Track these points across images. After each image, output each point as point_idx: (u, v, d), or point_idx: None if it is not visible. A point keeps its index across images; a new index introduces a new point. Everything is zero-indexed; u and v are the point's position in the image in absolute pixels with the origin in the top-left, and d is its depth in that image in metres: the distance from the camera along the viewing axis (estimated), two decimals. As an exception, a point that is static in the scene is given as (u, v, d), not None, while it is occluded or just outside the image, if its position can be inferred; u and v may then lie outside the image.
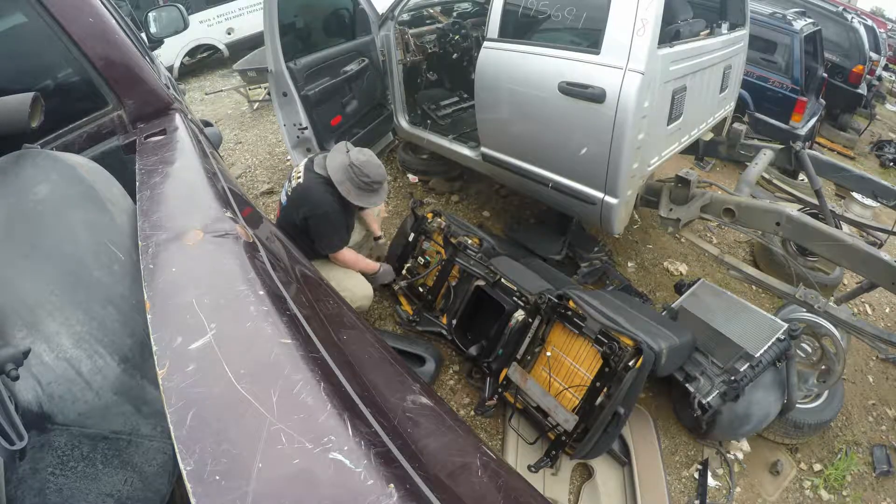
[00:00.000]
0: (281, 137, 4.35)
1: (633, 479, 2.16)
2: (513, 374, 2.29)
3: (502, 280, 2.47)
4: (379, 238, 2.98)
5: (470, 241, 2.70)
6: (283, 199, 2.52)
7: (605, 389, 1.98)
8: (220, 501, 0.48)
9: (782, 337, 2.23)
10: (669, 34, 2.46)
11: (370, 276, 2.69)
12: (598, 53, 2.33)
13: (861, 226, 3.17)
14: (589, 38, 2.43)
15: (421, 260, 2.89)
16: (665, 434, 2.46)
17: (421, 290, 2.85)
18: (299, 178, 2.42)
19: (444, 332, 2.70)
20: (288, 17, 3.59)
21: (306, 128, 3.32)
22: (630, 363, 1.93)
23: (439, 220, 2.86)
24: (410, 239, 2.95)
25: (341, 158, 2.36)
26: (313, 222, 2.36)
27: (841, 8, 6.90)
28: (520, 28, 2.71)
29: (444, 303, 2.74)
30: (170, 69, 7.05)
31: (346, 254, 2.51)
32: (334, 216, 2.38)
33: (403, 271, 2.92)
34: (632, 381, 1.91)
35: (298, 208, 2.37)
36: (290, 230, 2.40)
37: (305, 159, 2.52)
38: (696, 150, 3.47)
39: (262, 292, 0.77)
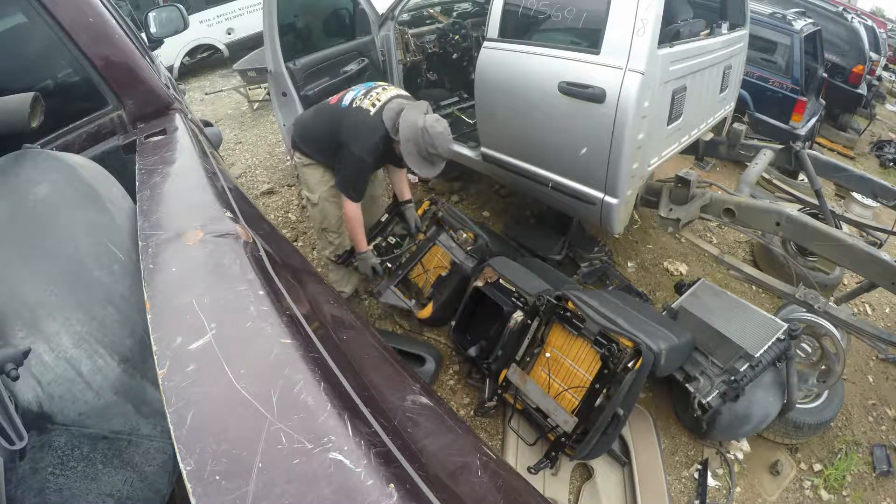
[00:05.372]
0: (281, 137, 4.36)
1: (633, 479, 2.16)
2: (512, 376, 2.29)
3: (500, 280, 2.47)
4: (408, 202, 2.78)
5: (466, 236, 2.72)
6: (346, 101, 2.36)
7: (604, 391, 1.98)
8: (220, 501, 0.48)
9: (782, 337, 2.23)
10: (669, 34, 2.46)
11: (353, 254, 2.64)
12: (597, 53, 2.33)
13: (861, 226, 3.17)
14: (589, 38, 2.43)
15: (392, 240, 2.82)
16: (665, 434, 2.46)
17: (390, 265, 2.80)
18: (372, 105, 2.29)
19: (410, 308, 2.72)
20: (288, 17, 3.60)
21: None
22: (629, 364, 1.93)
23: (434, 208, 2.85)
24: (384, 219, 2.84)
25: (415, 117, 2.21)
26: (344, 158, 2.30)
27: (841, 8, 6.90)
28: (520, 28, 2.71)
29: (431, 291, 2.75)
30: (170, 69, 7.05)
31: (355, 213, 2.42)
32: (364, 169, 2.32)
33: (371, 246, 2.76)
34: (631, 382, 1.91)
35: (342, 131, 2.29)
36: (324, 126, 2.39)
37: (392, 94, 2.35)
38: (696, 150, 3.47)
39: (262, 292, 0.77)
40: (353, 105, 2.32)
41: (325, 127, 2.40)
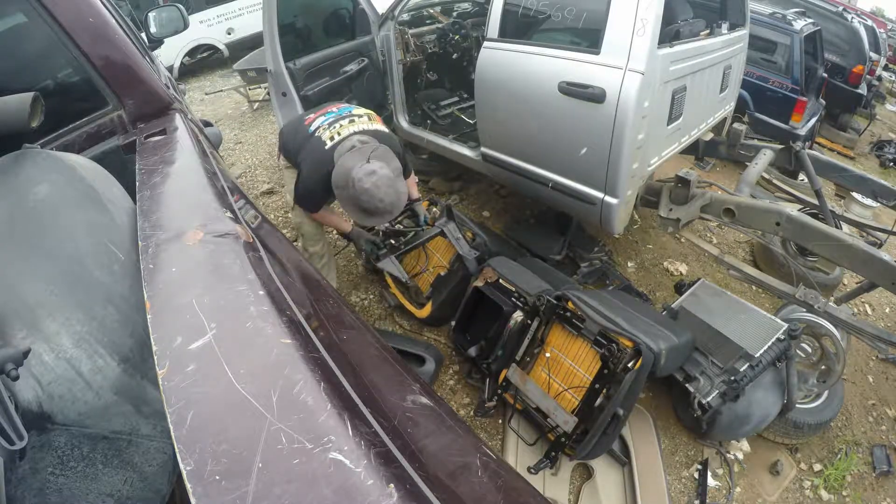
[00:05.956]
0: (281, 137, 4.36)
1: (633, 479, 2.16)
2: (512, 376, 2.29)
3: (500, 280, 2.47)
4: (416, 200, 2.77)
5: (465, 235, 2.72)
6: (314, 126, 2.35)
7: (604, 391, 1.98)
8: (220, 501, 0.48)
9: (782, 337, 2.23)
10: (669, 34, 2.46)
11: (345, 235, 2.69)
12: (597, 53, 2.33)
13: (861, 226, 3.17)
14: (589, 38, 2.43)
15: (399, 227, 2.83)
16: (665, 434, 2.46)
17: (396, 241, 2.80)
18: (331, 139, 2.26)
19: (406, 281, 2.75)
20: (288, 17, 3.60)
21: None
22: (629, 364, 1.93)
23: (435, 209, 2.85)
24: None
25: (351, 165, 2.11)
26: (299, 179, 2.36)
27: (841, 8, 6.90)
28: (520, 28, 2.71)
29: (430, 290, 2.74)
30: (170, 69, 7.05)
31: (321, 216, 2.53)
32: (315, 195, 2.36)
33: (373, 232, 2.79)
34: (631, 382, 1.91)
35: (301, 155, 2.32)
36: (293, 144, 2.42)
37: (354, 129, 2.31)
38: (696, 150, 3.47)
39: (262, 292, 0.77)
40: (316, 133, 2.31)
41: (297, 145, 2.42)
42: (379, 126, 2.43)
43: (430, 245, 2.84)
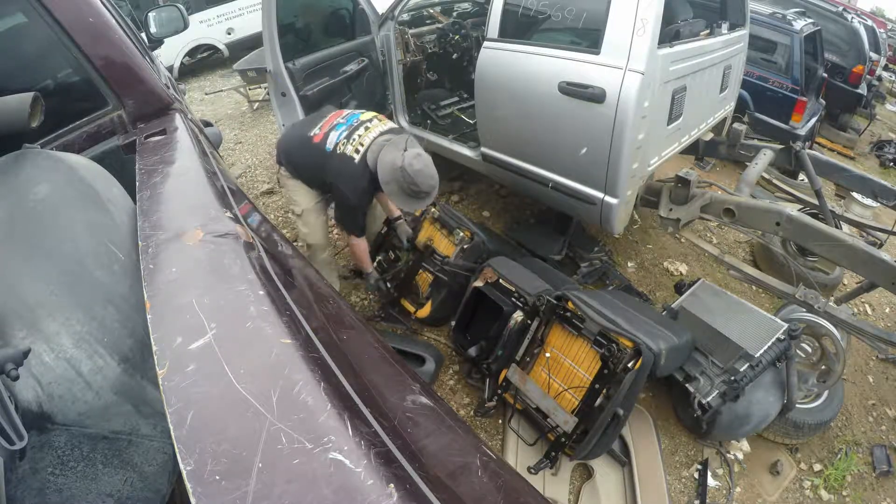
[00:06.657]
0: (281, 137, 4.35)
1: (633, 479, 2.16)
2: (512, 376, 2.29)
3: (500, 280, 2.47)
4: (399, 219, 2.88)
5: (462, 234, 2.74)
6: (331, 143, 2.32)
7: (604, 391, 1.98)
8: (220, 501, 0.48)
9: (782, 337, 2.23)
10: (669, 34, 2.46)
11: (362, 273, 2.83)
12: (598, 53, 2.33)
13: (861, 226, 3.17)
14: (589, 38, 2.43)
15: (392, 255, 2.91)
16: (665, 434, 2.46)
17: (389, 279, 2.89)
18: (356, 151, 2.27)
19: (406, 325, 2.86)
20: (287, 17, 3.60)
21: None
22: (629, 364, 1.93)
23: (433, 209, 2.85)
24: (383, 231, 2.95)
25: (393, 158, 2.19)
26: (337, 200, 2.41)
27: (841, 8, 6.90)
28: (520, 28, 2.71)
29: (429, 290, 2.77)
30: (170, 69, 7.05)
31: (358, 244, 2.57)
32: (358, 209, 2.40)
33: (374, 264, 2.89)
34: (631, 382, 1.91)
35: (329, 174, 2.32)
36: (313, 159, 2.37)
37: (373, 135, 2.32)
38: (696, 150, 3.47)
39: (262, 292, 0.77)
40: (338, 150, 2.30)
41: (311, 164, 2.41)
42: (390, 124, 2.46)
43: (430, 243, 2.85)
